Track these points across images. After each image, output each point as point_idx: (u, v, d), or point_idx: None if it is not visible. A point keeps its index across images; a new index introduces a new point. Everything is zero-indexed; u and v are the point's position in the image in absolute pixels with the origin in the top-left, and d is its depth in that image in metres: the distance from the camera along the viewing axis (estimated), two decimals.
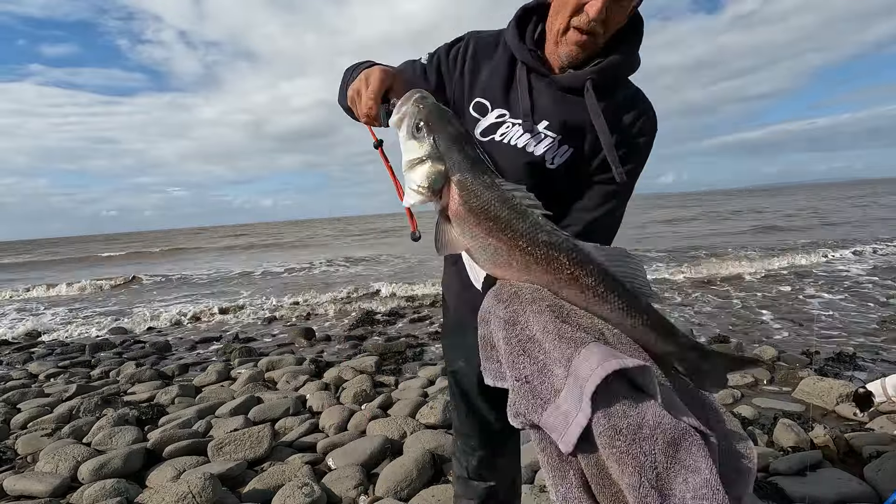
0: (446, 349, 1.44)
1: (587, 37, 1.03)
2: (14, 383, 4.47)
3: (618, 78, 1.11)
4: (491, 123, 1.14)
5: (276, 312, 7.71)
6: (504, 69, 1.15)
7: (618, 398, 0.74)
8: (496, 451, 1.43)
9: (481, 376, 1.22)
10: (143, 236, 78.11)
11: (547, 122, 1.10)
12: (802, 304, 6.14)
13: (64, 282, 13.12)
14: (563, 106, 1.10)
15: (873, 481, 2.11)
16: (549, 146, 1.10)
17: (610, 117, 1.07)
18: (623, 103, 1.11)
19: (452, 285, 1.35)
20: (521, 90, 1.11)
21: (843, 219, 19.31)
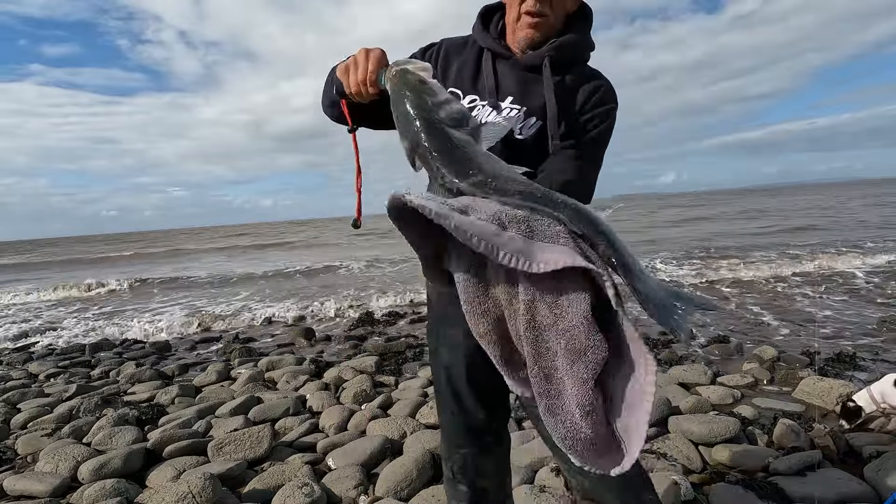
0: (431, 343, 1.44)
1: (538, 19, 1.17)
2: (14, 383, 4.48)
3: (574, 56, 1.24)
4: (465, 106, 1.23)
5: (276, 312, 7.71)
6: (472, 61, 1.28)
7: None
8: (482, 451, 1.41)
9: (467, 370, 1.32)
10: (144, 236, 78.18)
11: (511, 97, 1.22)
12: (802, 304, 6.13)
13: (65, 283, 13.13)
14: (526, 82, 1.22)
15: (873, 481, 2.11)
16: (515, 119, 1.20)
17: (567, 90, 1.20)
18: (580, 78, 1.22)
19: (434, 292, 1.38)
20: (486, 72, 1.24)
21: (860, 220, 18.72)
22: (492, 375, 1.27)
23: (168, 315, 8.02)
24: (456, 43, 1.33)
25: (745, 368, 3.80)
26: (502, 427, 1.44)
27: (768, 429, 2.68)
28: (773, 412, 2.94)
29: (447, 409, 1.40)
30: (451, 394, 1.37)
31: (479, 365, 1.28)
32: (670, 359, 4.06)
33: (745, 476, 2.22)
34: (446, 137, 1.00)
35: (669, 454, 2.44)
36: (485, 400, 1.35)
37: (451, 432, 1.42)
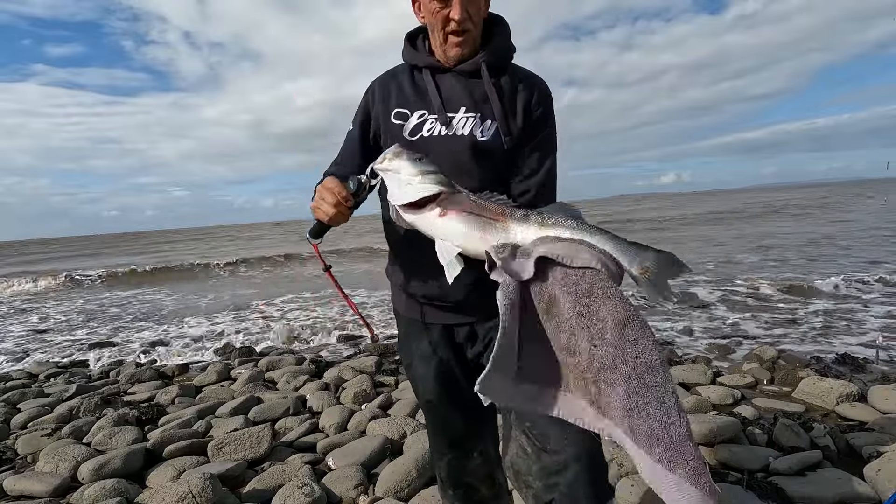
0: (404, 358, 1.48)
1: (463, 36, 1.24)
2: (14, 383, 4.47)
3: (505, 58, 1.32)
4: (415, 124, 1.29)
5: (277, 311, 7.71)
6: (409, 81, 1.34)
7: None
8: (465, 455, 1.44)
9: (437, 380, 1.38)
10: (143, 236, 78.04)
11: (464, 106, 1.27)
12: (802, 305, 6.14)
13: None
14: (470, 89, 1.28)
15: (873, 481, 2.11)
16: (473, 124, 1.26)
17: (508, 89, 1.28)
18: (515, 77, 1.31)
19: (401, 296, 1.43)
20: (430, 89, 1.29)
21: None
22: (465, 383, 1.36)
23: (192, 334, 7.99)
24: (386, 76, 1.39)
25: (745, 368, 3.80)
26: (484, 428, 1.47)
27: (768, 429, 2.68)
28: (773, 412, 2.94)
29: (428, 418, 1.48)
30: (427, 403, 1.43)
31: (451, 374, 1.37)
32: (670, 359, 4.06)
33: (745, 476, 2.22)
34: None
35: None
36: (460, 407, 1.40)
37: (433, 440, 1.49)
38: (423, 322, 1.38)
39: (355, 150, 1.39)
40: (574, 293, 1.01)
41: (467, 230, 1.11)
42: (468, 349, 1.37)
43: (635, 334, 0.97)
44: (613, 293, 1.00)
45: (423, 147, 1.26)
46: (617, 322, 0.97)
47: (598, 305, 0.99)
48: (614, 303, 0.99)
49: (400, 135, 1.30)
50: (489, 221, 1.11)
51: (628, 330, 0.97)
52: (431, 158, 1.14)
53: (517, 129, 1.28)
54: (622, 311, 0.98)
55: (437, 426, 1.46)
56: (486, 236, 1.11)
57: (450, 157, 1.24)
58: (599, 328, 0.98)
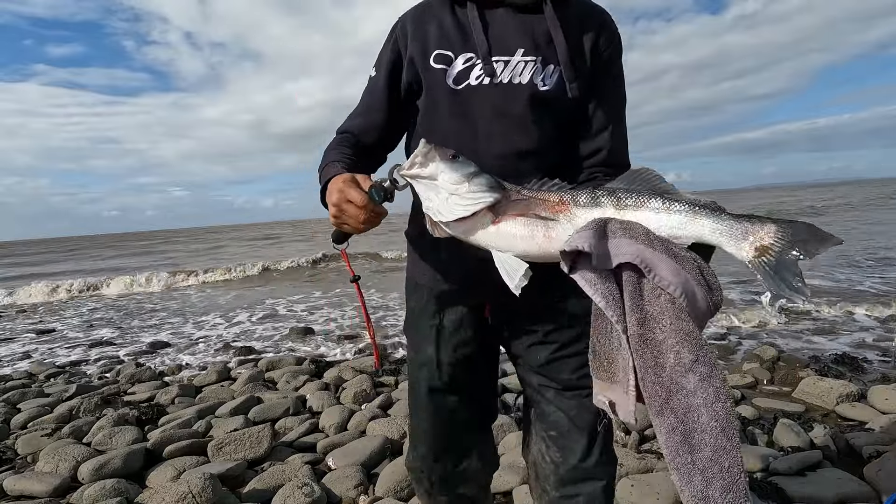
0: (411, 336, 1.30)
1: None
2: (14, 383, 4.47)
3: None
4: (461, 70, 1.07)
5: (276, 311, 7.71)
6: (450, 16, 1.10)
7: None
8: (466, 456, 1.28)
9: (457, 362, 1.20)
10: (143, 236, 78.05)
11: (521, 48, 1.05)
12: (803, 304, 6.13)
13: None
14: (529, 28, 1.07)
15: (873, 481, 2.11)
16: (533, 70, 1.05)
17: (573, 26, 1.07)
18: (581, 10, 1.11)
19: (420, 264, 1.24)
20: (476, 25, 1.06)
21: None
22: (485, 370, 1.26)
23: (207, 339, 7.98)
24: (418, 10, 1.16)
25: (745, 368, 3.80)
26: (488, 425, 1.34)
27: (768, 429, 2.68)
28: (773, 412, 2.94)
29: (424, 412, 1.28)
30: (431, 393, 1.25)
31: (470, 358, 1.21)
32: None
33: (746, 476, 2.22)
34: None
35: None
36: (471, 399, 1.26)
37: (425, 437, 1.28)
38: (451, 296, 1.18)
39: (381, 101, 1.17)
40: (643, 311, 0.86)
41: (528, 234, 0.93)
42: (501, 332, 1.21)
43: (696, 384, 0.82)
44: (685, 329, 0.83)
45: (471, 99, 1.07)
46: (678, 363, 0.83)
47: (663, 337, 0.84)
48: (681, 339, 0.83)
49: (443, 82, 1.08)
50: (551, 215, 0.94)
51: (690, 375, 0.83)
52: (465, 155, 0.95)
53: (585, 75, 1.07)
54: (688, 353, 0.83)
55: (436, 421, 1.24)
56: (551, 234, 0.93)
57: (503, 110, 1.06)
58: (659, 363, 0.84)
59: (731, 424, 0.81)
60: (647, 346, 0.85)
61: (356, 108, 1.22)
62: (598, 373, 0.93)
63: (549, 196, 0.95)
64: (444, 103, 1.10)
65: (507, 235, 0.94)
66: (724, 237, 0.86)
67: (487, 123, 1.07)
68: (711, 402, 0.81)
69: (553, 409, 1.18)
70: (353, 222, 0.95)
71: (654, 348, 0.85)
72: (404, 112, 1.18)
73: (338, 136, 1.20)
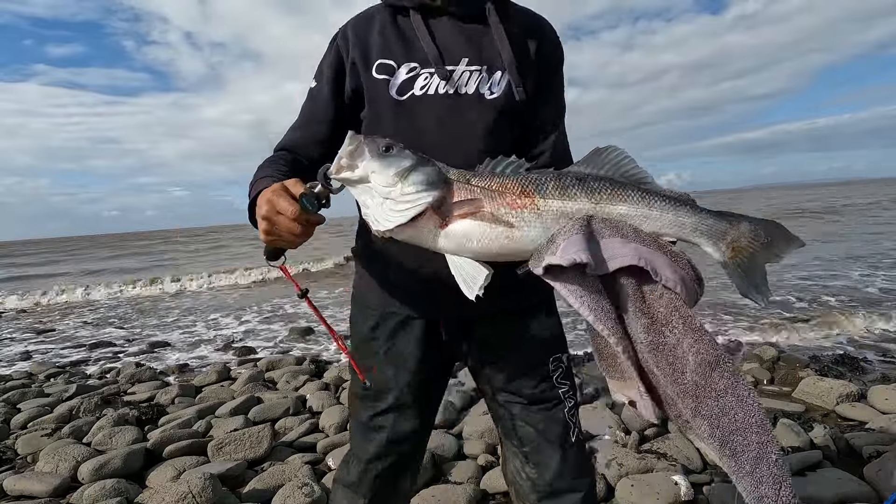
0: (364, 357, 1.19)
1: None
2: (14, 383, 4.47)
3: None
4: (404, 80, 1.04)
5: (277, 310, 7.71)
6: (392, 26, 1.07)
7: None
8: (406, 467, 1.22)
9: (414, 382, 1.13)
10: (144, 236, 78.08)
11: (466, 57, 1.04)
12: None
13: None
14: (473, 37, 1.06)
15: (873, 481, 2.11)
16: (479, 79, 1.04)
17: (519, 33, 1.08)
18: (521, 18, 1.11)
19: (371, 281, 1.18)
20: (420, 33, 1.04)
21: None
22: (437, 385, 1.21)
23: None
24: (360, 18, 1.12)
25: (744, 368, 3.80)
26: (427, 437, 1.27)
27: None
28: (773, 412, 2.94)
29: (371, 424, 1.20)
30: (386, 409, 1.17)
31: (427, 377, 1.17)
32: None
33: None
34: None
35: (669, 454, 2.44)
36: (422, 414, 1.20)
37: (368, 446, 1.20)
38: (402, 315, 1.13)
39: (325, 112, 1.10)
40: (648, 316, 0.80)
41: (486, 235, 0.82)
42: (458, 348, 1.15)
43: (725, 382, 0.76)
44: (698, 327, 0.79)
45: (416, 109, 1.04)
46: (701, 363, 0.77)
47: (677, 339, 0.78)
48: (699, 338, 0.78)
49: (386, 93, 1.05)
50: (513, 211, 0.82)
51: (716, 375, 0.76)
52: (398, 143, 0.85)
53: (531, 81, 1.07)
54: (709, 350, 0.77)
55: (384, 434, 1.17)
56: (515, 233, 0.82)
57: (450, 121, 1.04)
58: (677, 368, 0.78)
59: (764, 416, 0.77)
60: (661, 353, 0.79)
61: (295, 122, 1.14)
62: (610, 372, 0.87)
63: (508, 184, 0.83)
64: (387, 115, 1.06)
65: (460, 238, 0.83)
66: (703, 237, 0.84)
67: (434, 134, 1.04)
68: (744, 397, 0.76)
69: (521, 425, 1.14)
70: (287, 236, 0.85)
71: (669, 353, 0.79)
72: (349, 124, 1.09)
73: (272, 155, 1.10)
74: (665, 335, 0.79)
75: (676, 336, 0.79)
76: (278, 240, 0.87)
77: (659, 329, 0.79)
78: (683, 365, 0.78)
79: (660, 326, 0.80)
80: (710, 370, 0.77)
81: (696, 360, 0.77)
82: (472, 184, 0.84)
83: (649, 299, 0.81)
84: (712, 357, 0.77)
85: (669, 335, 0.79)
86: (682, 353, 0.78)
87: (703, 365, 0.77)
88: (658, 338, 0.79)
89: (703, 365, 0.77)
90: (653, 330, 0.79)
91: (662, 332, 0.79)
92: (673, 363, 0.78)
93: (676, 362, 0.78)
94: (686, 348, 0.78)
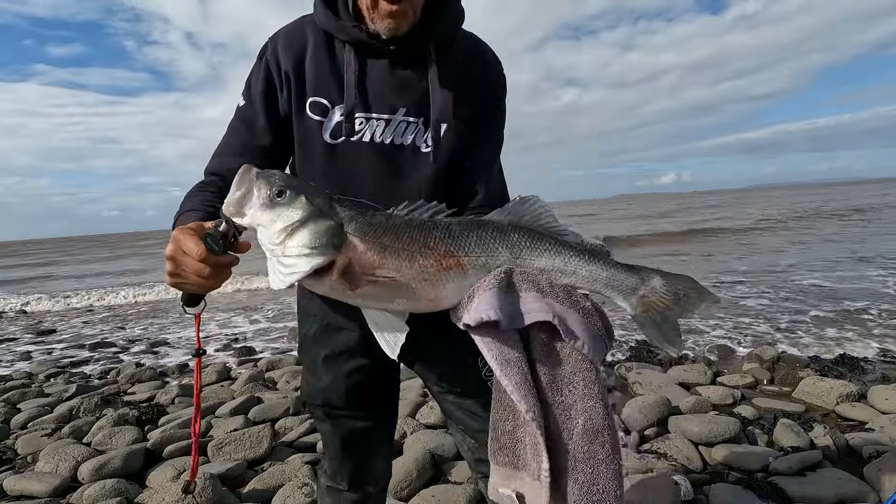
0: (306, 362, 1.23)
1: (398, 6, 0.91)
2: (14, 383, 4.47)
3: (455, 34, 1.05)
4: (337, 122, 1.00)
5: (278, 310, 7.71)
6: (325, 53, 1.01)
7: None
8: (372, 457, 1.29)
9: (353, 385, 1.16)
10: (145, 236, 78.09)
11: (404, 108, 1.00)
12: (804, 303, 6.13)
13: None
14: (411, 84, 1.01)
15: (873, 481, 2.11)
16: (416, 131, 1.01)
17: (458, 75, 1.03)
18: (464, 54, 1.06)
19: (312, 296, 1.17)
20: (352, 77, 0.98)
21: None
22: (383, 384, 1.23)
23: None
24: (294, 38, 1.03)
25: (745, 368, 3.80)
26: (391, 430, 1.35)
27: (768, 429, 2.68)
28: (773, 412, 2.94)
29: (326, 425, 1.26)
30: (332, 410, 1.22)
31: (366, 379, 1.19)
32: (670, 359, 4.06)
33: (745, 476, 2.22)
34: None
35: (669, 454, 2.44)
36: (372, 412, 1.24)
37: (332, 445, 1.27)
38: (338, 326, 1.13)
39: (259, 135, 1.03)
40: (553, 373, 0.81)
41: (410, 296, 0.81)
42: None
43: (604, 453, 0.79)
44: (596, 393, 0.80)
45: (348, 155, 0.99)
46: (588, 431, 0.79)
47: (573, 400, 0.80)
48: (593, 405, 0.80)
49: (318, 135, 1.00)
50: (438, 273, 0.81)
51: (597, 445, 0.79)
52: (299, 183, 0.80)
53: (471, 129, 1.04)
54: (598, 419, 0.79)
55: (341, 433, 1.22)
56: (439, 293, 0.82)
57: (386, 170, 1.00)
58: (568, 428, 0.80)
59: (621, 489, 0.80)
60: (556, 409, 0.80)
61: (224, 145, 1.07)
62: (498, 457, 0.84)
63: (431, 243, 0.80)
64: (319, 159, 1.02)
65: (380, 300, 0.81)
66: (615, 291, 0.85)
67: (367, 182, 1.01)
68: (615, 475, 0.79)
69: (454, 409, 1.19)
70: (193, 278, 0.77)
71: (563, 412, 0.80)
72: (283, 144, 1.04)
73: (201, 181, 1.04)
74: (564, 394, 0.81)
75: (574, 397, 0.80)
76: (184, 283, 0.79)
77: (559, 386, 0.81)
78: (573, 426, 0.79)
79: (560, 384, 0.81)
80: (594, 438, 0.79)
81: (583, 426, 0.79)
82: (384, 243, 0.79)
83: (559, 356, 0.82)
84: (600, 426, 0.79)
85: (568, 394, 0.80)
86: (574, 414, 0.80)
87: (589, 432, 0.79)
88: (556, 396, 0.80)
89: (588, 431, 0.79)
90: (553, 387, 0.81)
91: (562, 389, 0.81)
92: (564, 422, 0.80)
93: (567, 422, 0.80)
94: (579, 410, 0.79)
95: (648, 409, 2.84)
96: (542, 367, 0.81)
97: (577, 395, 0.80)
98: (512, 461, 0.83)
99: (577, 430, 0.79)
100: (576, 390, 0.80)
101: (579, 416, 0.79)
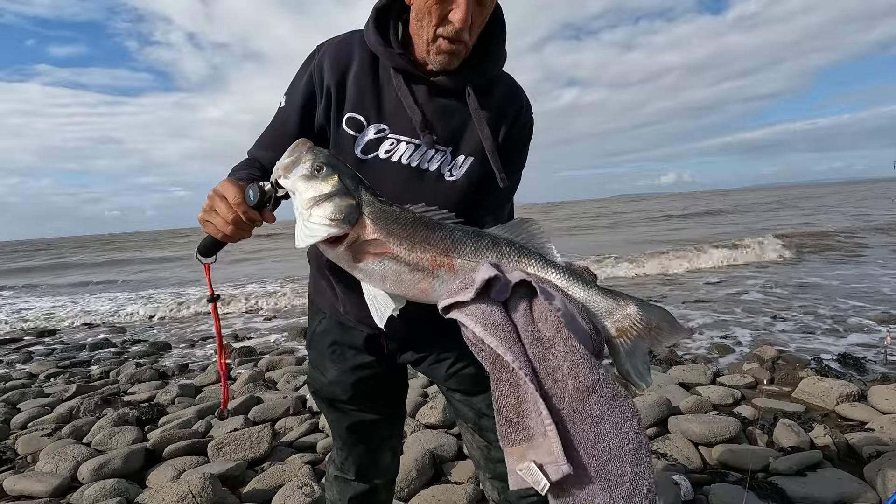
0: (314, 356, 1.30)
1: (456, 45, 0.99)
2: (14, 383, 4.48)
3: (495, 74, 1.11)
4: (370, 140, 1.06)
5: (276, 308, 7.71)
6: (369, 79, 1.07)
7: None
8: (379, 450, 1.37)
9: (357, 382, 1.23)
10: (142, 236, 78.05)
11: (436, 136, 1.06)
12: (805, 302, 6.13)
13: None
14: (447, 113, 1.07)
15: (873, 481, 2.11)
16: (442, 160, 1.07)
17: (494, 117, 1.09)
18: (503, 99, 1.12)
19: (325, 290, 1.24)
20: (408, 106, 1.04)
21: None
22: (388, 383, 1.29)
23: None
24: (341, 55, 1.09)
25: (745, 368, 3.80)
26: (398, 426, 1.45)
27: (768, 429, 2.68)
28: (773, 412, 2.94)
29: (334, 418, 1.34)
30: (339, 404, 1.29)
31: (371, 378, 1.25)
32: (670, 359, 4.06)
33: (745, 476, 2.22)
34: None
35: (669, 454, 2.44)
36: (377, 408, 1.31)
37: (342, 437, 1.35)
38: (346, 323, 1.21)
39: (287, 137, 1.05)
40: (537, 338, 0.81)
41: (402, 281, 0.89)
42: (398, 357, 1.24)
43: (602, 408, 0.77)
44: (578, 349, 0.79)
45: (376, 171, 1.04)
46: (579, 388, 0.78)
47: (557, 362, 0.79)
48: (577, 361, 0.79)
49: (351, 149, 1.06)
50: (431, 267, 0.88)
51: (593, 400, 0.77)
52: (338, 163, 0.89)
53: (495, 165, 1.08)
54: (588, 374, 0.78)
55: (347, 423, 1.30)
56: (426, 286, 0.89)
57: (409, 192, 1.04)
58: (556, 393, 0.79)
59: (641, 442, 0.77)
60: (548, 374, 0.80)
61: (264, 138, 1.15)
62: (510, 436, 0.82)
63: (432, 240, 0.88)
64: None
65: (376, 277, 0.89)
66: (589, 312, 0.88)
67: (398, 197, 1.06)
68: (621, 424, 0.77)
69: (462, 407, 1.25)
70: (219, 221, 0.88)
71: (551, 375, 0.79)
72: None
73: (248, 158, 1.15)
74: (548, 358, 0.80)
75: (557, 359, 0.80)
76: (211, 224, 0.91)
77: (546, 347, 0.81)
78: (562, 389, 0.79)
79: (545, 345, 0.81)
80: (587, 395, 0.78)
81: (574, 385, 0.78)
82: (391, 230, 0.88)
83: (537, 318, 0.83)
84: (590, 381, 0.78)
85: (551, 358, 0.80)
86: (562, 376, 0.79)
87: (581, 390, 0.78)
88: (543, 362, 0.80)
89: (580, 390, 0.78)
90: (541, 344, 0.81)
91: (546, 354, 0.80)
92: (553, 386, 0.79)
93: (555, 386, 0.79)
94: (566, 371, 0.79)
95: (648, 408, 2.84)
96: (526, 336, 0.82)
97: (561, 356, 0.80)
98: (525, 435, 0.81)
99: (569, 391, 0.78)
100: (559, 352, 0.80)
101: (567, 377, 0.79)
